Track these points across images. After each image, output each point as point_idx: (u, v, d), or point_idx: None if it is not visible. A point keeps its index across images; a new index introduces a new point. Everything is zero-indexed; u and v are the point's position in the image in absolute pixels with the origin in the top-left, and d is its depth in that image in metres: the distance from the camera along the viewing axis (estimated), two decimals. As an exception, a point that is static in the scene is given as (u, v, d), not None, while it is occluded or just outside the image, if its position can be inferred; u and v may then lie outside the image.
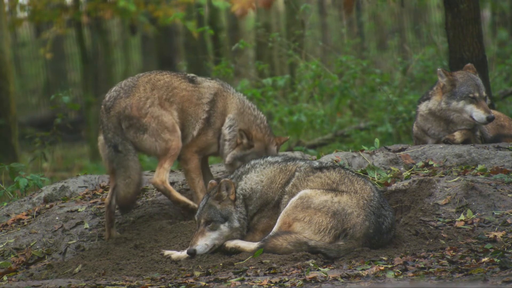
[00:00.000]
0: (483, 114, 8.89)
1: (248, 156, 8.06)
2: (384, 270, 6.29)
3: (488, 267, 6.16)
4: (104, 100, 7.95)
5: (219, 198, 7.11)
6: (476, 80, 9.02)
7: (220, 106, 8.10)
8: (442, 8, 13.87)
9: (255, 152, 8.10)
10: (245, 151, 8.10)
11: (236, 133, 8.10)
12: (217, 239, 7.06)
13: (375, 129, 15.76)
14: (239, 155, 8.09)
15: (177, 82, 8.02)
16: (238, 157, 8.09)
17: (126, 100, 7.87)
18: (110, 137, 7.80)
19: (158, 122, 7.84)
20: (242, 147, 8.10)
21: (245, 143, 8.08)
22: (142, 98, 7.88)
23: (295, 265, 6.58)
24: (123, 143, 7.81)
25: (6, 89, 16.15)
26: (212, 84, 8.15)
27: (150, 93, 7.91)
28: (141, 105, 7.85)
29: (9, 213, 8.74)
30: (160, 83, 7.99)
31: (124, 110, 7.84)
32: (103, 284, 6.49)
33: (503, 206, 7.35)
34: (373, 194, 6.95)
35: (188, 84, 8.06)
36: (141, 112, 7.84)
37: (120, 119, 7.83)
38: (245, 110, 8.18)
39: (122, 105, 7.86)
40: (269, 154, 8.05)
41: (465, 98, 8.97)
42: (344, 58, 16.25)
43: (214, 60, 18.86)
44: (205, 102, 8.05)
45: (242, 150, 8.10)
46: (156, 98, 7.89)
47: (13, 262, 7.70)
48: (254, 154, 8.08)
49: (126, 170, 7.77)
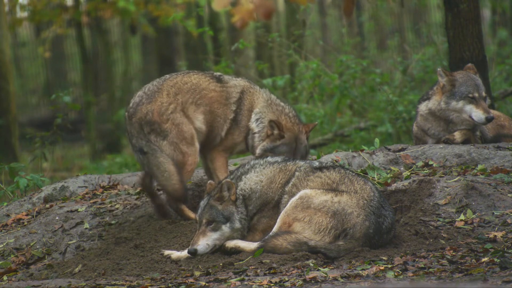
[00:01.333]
0: (482, 115, 8.89)
1: (279, 148, 8.03)
2: (384, 270, 6.29)
3: (488, 267, 6.16)
4: (127, 107, 7.97)
5: (220, 199, 7.11)
6: (476, 80, 9.02)
7: (247, 103, 8.08)
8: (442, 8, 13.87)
9: (286, 143, 8.06)
10: (275, 142, 8.06)
11: (264, 125, 8.06)
12: (218, 239, 7.06)
13: (375, 129, 15.76)
14: (269, 146, 8.05)
15: (205, 83, 7.99)
16: (268, 149, 8.04)
17: (148, 106, 7.87)
18: (135, 142, 7.81)
19: (178, 131, 7.82)
20: (272, 138, 8.05)
21: (276, 133, 8.03)
22: (164, 103, 7.87)
23: (295, 265, 6.59)
24: (148, 144, 7.81)
25: (6, 89, 16.16)
26: (238, 82, 8.14)
27: (173, 98, 7.88)
28: (162, 111, 7.84)
29: (9, 213, 8.74)
30: (187, 86, 7.95)
31: (145, 116, 7.85)
32: (103, 284, 6.49)
33: (503, 206, 7.35)
34: (373, 194, 6.95)
35: (216, 84, 8.03)
36: (163, 118, 7.82)
37: (142, 125, 7.83)
38: (272, 101, 8.15)
39: (144, 111, 7.86)
40: (299, 144, 8.02)
41: (465, 98, 8.97)
42: (344, 58, 16.25)
43: (214, 60, 18.87)
44: (233, 102, 8.04)
45: (273, 142, 8.05)
46: (180, 103, 7.86)
47: (13, 262, 7.70)
48: (284, 145, 8.05)
49: (159, 167, 7.75)
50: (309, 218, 6.83)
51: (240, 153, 8.32)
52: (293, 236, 6.81)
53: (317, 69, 16.02)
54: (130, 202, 8.38)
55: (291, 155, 8.01)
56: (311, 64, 16.15)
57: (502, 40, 19.85)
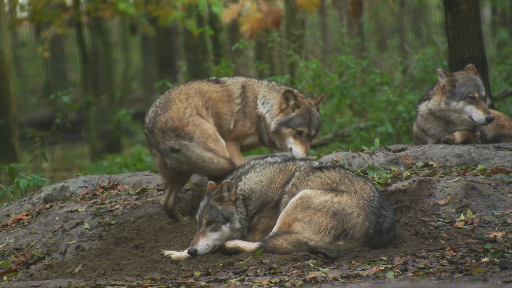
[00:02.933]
0: (483, 115, 8.89)
1: (294, 120, 8.01)
2: (384, 270, 6.29)
3: (488, 267, 6.16)
4: (145, 124, 7.98)
5: (220, 199, 7.11)
6: (476, 81, 9.01)
7: (250, 95, 8.10)
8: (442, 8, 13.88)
9: (300, 114, 8.04)
10: (290, 114, 8.05)
11: (271, 103, 8.07)
12: (218, 239, 7.06)
13: (375, 129, 15.76)
14: (284, 119, 8.03)
15: (206, 87, 8.04)
16: (283, 122, 8.03)
17: (166, 115, 7.88)
18: (163, 146, 7.79)
19: (201, 130, 7.83)
20: (287, 111, 8.05)
21: (291, 104, 8.02)
22: (181, 108, 7.89)
23: (295, 265, 6.59)
24: (177, 141, 7.80)
25: (6, 89, 16.16)
26: (236, 79, 8.19)
27: (186, 102, 7.92)
28: (181, 116, 7.86)
29: (9, 213, 8.74)
30: (192, 91, 8.00)
31: (166, 124, 7.86)
32: (103, 284, 6.49)
33: (503, 206, 7.35)
34: (373, 194, 6.95)
35: (216, 86, 8.07)
36: (183, 122, 7.84)
37: (165, 132, 7.83)
38: (273, 85, 8.18)
39: (163, 120, 7.87)
40: (312, 116, 8.02)
41: (465, 98, 8.97)
42: (344, 58, 16.25)
43: (214, 60, 18.87)
44: (236, 97, 8.07)
45: (287, 115, 8.05)
46: (193, 106, 7.91)
47: (13, 262, 7.70)
48: (299, 117, 8.03)
49: (198, 156, 7.72)
50: (309, 218, 6.83)
51: (252, 148, 8.31)
52: (293, 236, 6.81)
53: (317, 69, 16.03)
54: (130, 202, 8.38)
55: (306, 127, 8.00)
56: (311, 64, 16.15)
57: (502, 40, 19.86)
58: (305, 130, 8.00)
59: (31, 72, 26.73)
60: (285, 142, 8.06)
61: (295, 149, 7.99)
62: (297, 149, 7.98)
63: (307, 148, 8.00)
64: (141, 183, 9.16)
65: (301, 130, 8.00)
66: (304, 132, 8.01)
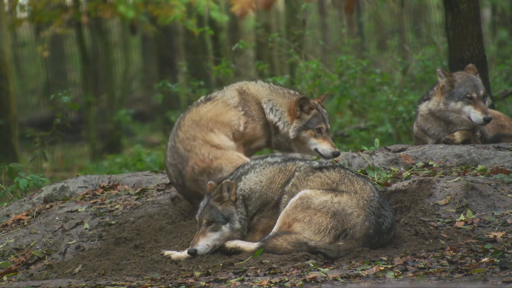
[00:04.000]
0: (480, 115, 8.89)
1: (311, 121, 8.01)
2: (384, 270, 6.29)
3: (488, 267, 6.16)
4: (173, 183, 8.02)
5: (220, 199, 7.11)
6: (475, 81, 9.01)
7: (250, 98, 8.08)
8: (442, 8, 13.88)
9: (315, 114, 8.05)
10: (305, 118, 8.05)
11: (281, 110, 8.07)
12: (218, 239, 7.06)
13: (375, 129, 15.77)
14: (301, 125, 8.03)
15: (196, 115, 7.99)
16: (302, 127, 8.03)
17: (189, 165, 7.89)
18: (202, 193, 7.70)
19: (226, 159, 7.84)
20: (302, 116, 8.04)
21: (306, 109, 8.02)
22: (197, 152, 7.88)
23: (295, 265, 6.59)
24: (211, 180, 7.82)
25: (6, 89, 16.16)
26: (228, 87, 8.15)
27: (196, 142, 7.90)
28: (201, 157, 7.87)
29: (9, 213, 8.74)
30: (190, 130, 7.95)
31: (194, 172, 7.88)
32: (103, 284, 6.49)
33: (503, 206, 7.35)
34: (373, 194, 6.95)
35: (207, 105, 8.04)
36: (207, 161, 7.85)
37: (197, 180, 7.87)
38: (273, 88, 8.17)
39: (189, 170, 7.90)
40: (322, 112, 8.03)
41: (463, 98, 8.97)
42: (344, 58, 16.25)
43: (214, 60, 18.87)
44: (235, 106, 8.03)
45: (303, 119, 8.05)
46: (204, 141, 7.89)
47: (13, 262, 7.70)
48: (315, 117, 8.03)
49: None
50: (309, 219, 6.83)
51: (258, 150, 8.33)
52: (293, 237, 6.81)
53: (317, 69, 16.03)
54: (130, 202, 8.38)
55: (323, 123, 7.99)
56: (311, 64, 16.15)
57: (502, 40, 19.86)
58: (323, 126, 8.02)
59: (31, 72, 26.73)
60: (308, 145, 8.04)
61: (321, 147, 8.00)
62: (324, 146, 7.98)
63: (332, 142, 8.01)
64: (141, 183, 9.16)
65: (320, 127, 8.01)
66: (323, 128, 8.02)
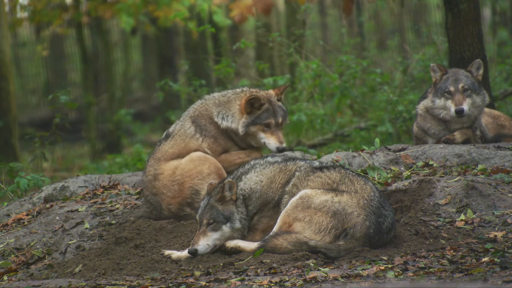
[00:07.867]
0: (453, 107, 8.83)
1: (261, 116, 8.05)
2: (384, 270, 6.29)
3: (488, 267, 6.16)
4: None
5: (222, 199, 7.11)
6: (458, 75, 8.91)
7: (204, 121, 8.22)
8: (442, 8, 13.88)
9: (264, 109, 8.09)
10: (255, 114, 8.10)
11: (230, 112, 8.14)
12: (218, 239, 7.06)
13: (375, 129, 15.76)
14: (250, 120, 8.08)
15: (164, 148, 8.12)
16: (250, 123, 8.07)
17: (163, 207, 8.00)
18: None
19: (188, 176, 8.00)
20: (251, 113, 8.09)
21: (257, 106, 8.07)
22: (164, 191, 7.98)
23: (296, 265, 6.59)
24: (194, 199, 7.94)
25: (6, 89, 16.16)
26: (182, 119, 8.25)
27: (158, 180, 8.00)
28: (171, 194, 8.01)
29: (9, 213, 8.74)
30: (154, 164, 8.07)
31: (171, 211, 7.99)
32: (103, 284, 6.50)
33: (503, 206, 7.35)
34: (374, 194, 6.95)
35: (167, 143, 8.16)
36: (177, 193, 8.00)
37: (182, 215, 7.97)
38: (220, 101, 8.23)
39: (168, 213, 7.99)
40: (274, 105, 8.06)
41: (443, 94, 8.93)
42: (344, 58, 16.25)
43: (214, 60, 18.87)
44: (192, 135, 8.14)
45: (251, 116, 8.10)
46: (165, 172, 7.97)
47: (13, 262, 7.70)
48: (264, 112, 8.07)
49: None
50: (310, 218, 6.83)
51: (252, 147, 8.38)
52: (293, 236, 6.81)
53: (317, 69, 16.03)
54: (130, 202, 8.38)
55: (272, 118, 8.05)
56: (311, 64, 16.15)
57: (502, 40, 19.86)
58: (272, 120, 8.08)
59: (31, 72, 26.73)
60: (258, 140, 8.12)
61: (268, 141, 8.09)
62: (270, 141, 8.07)
63: (279, 137, 8.08)
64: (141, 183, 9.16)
65: (268, 122, 8.07)
66: (272, 123, 8.08)
